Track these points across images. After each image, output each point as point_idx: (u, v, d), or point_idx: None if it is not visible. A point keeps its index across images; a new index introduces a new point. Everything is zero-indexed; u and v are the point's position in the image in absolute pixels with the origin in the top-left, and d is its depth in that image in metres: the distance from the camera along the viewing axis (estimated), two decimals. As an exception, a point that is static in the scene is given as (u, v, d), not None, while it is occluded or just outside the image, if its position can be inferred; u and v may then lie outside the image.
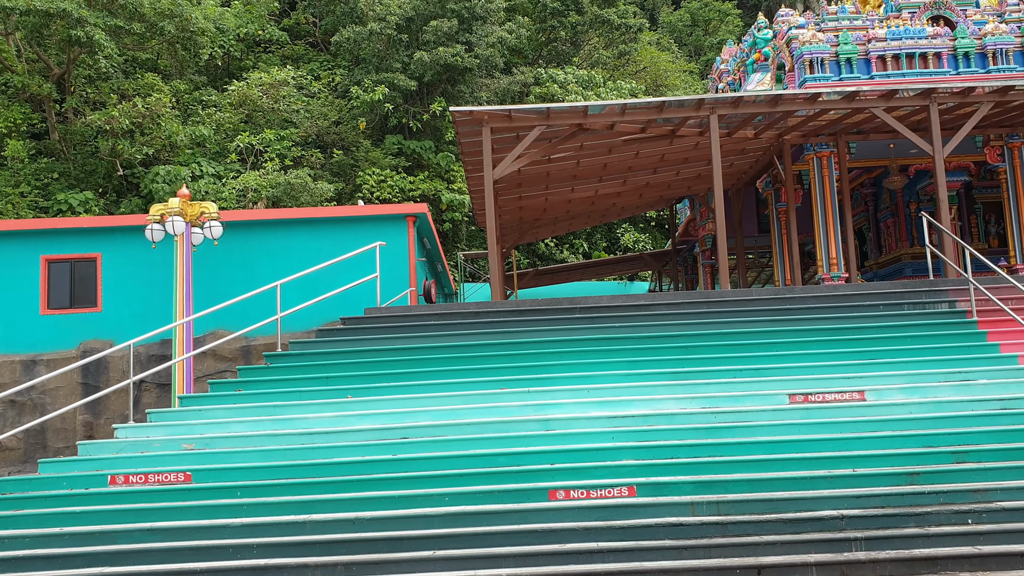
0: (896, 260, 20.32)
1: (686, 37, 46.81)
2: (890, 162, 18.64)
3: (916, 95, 14.98)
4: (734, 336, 12.13)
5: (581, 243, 32.74)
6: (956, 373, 10.57)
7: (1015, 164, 17.19)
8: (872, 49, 18.41)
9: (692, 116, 15.20)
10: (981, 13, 19.62)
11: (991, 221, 20.68)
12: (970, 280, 12.19)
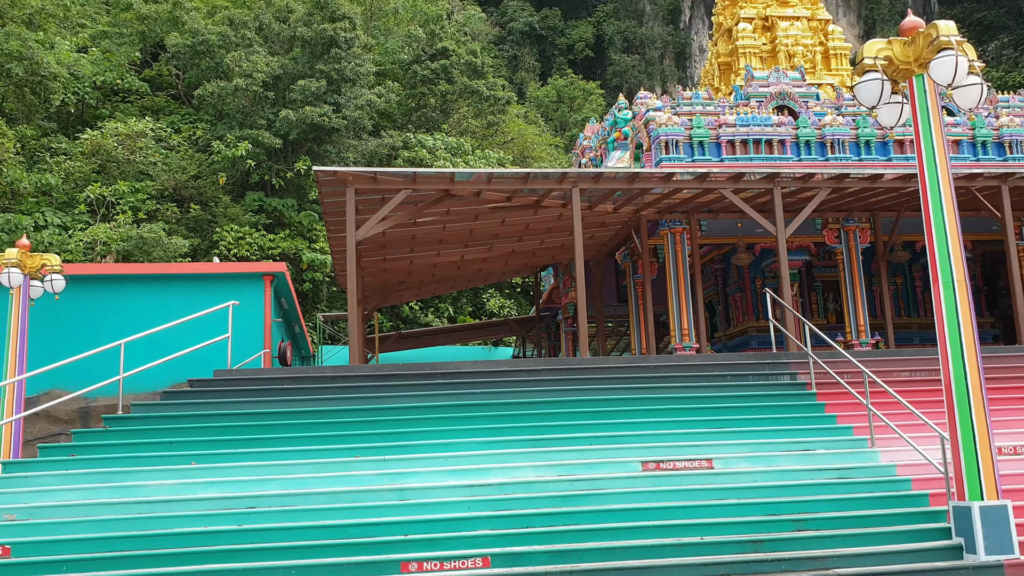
0: (743, 332, 21.27)
1: (552, 112, 48.38)
2: (738, 240, 19.64)
3: (761, 179, 15.92)
4: (591, 403, 12.31)
5: (447, 307, 32.77)
6: (797, 443, 11.05)
7: (850, 246, 18.47)
8: (723, 134, 19.50)
9: (556, 188, 15.61)
10: (821, 106, 21.19)
11: (830, 298, 22.02)
12: (810, 354, 12.86)
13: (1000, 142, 20.57)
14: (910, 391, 12.35)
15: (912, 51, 9.80)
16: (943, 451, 9.38)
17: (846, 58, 24.00)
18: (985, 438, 8.82)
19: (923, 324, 21.50)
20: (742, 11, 24.52)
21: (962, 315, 9.13)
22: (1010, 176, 16.50)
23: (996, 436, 11.14)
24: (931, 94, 9.73)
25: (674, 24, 52.27)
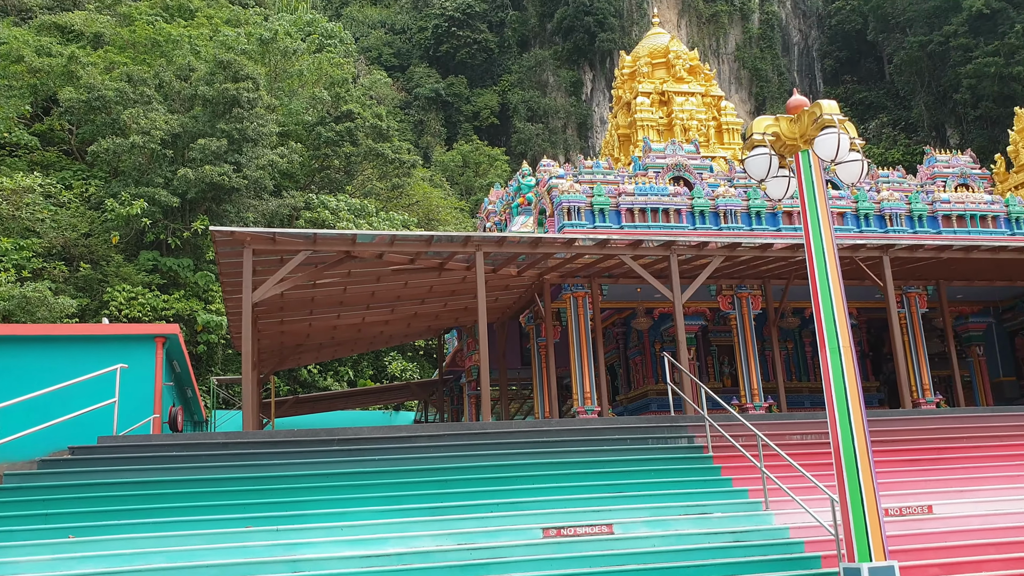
0: (644, 395, 21.57)
1: (458, 176, 48.88)
2: (638, 304, 20.04)
3: (659, 246, 16.36)
4: (493, 469, 12.20)
5: (346, 370, 32.21)
6: (695, 507, 11.18)
7: (743, 312, 19.07)
8: (622, 202, 20.02)
9: (460, 251, 15.66)
10: (715, 177, 22.03)
11: (725, 362, 22.59)
12: (706, 417, 13.11)
13: (881, 215, 21.73)
14: (802, 454, 12.68)
15: (798, 128, 10.31)
16: (833, 513, 9.62)
17: (738, 132, 25.11)
18: (872, 500, 9.09)
19: (813, 388, 22.23)
20: (640, 86, 25.48)
21: (848, 380, 9.47)
22: (890, 247, 17.39)
23: (883, 498, 11.52)
24: (816, 169, 10.22)
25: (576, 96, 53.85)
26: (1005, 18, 46.63)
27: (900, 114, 54.68)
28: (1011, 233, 21.95)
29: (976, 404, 22.11)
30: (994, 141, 37.35)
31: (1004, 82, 44.35)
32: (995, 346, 23.55)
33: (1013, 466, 13.91)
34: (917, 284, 19.93)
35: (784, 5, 62.05)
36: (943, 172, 24.98)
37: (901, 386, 16.95)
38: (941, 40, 48.40)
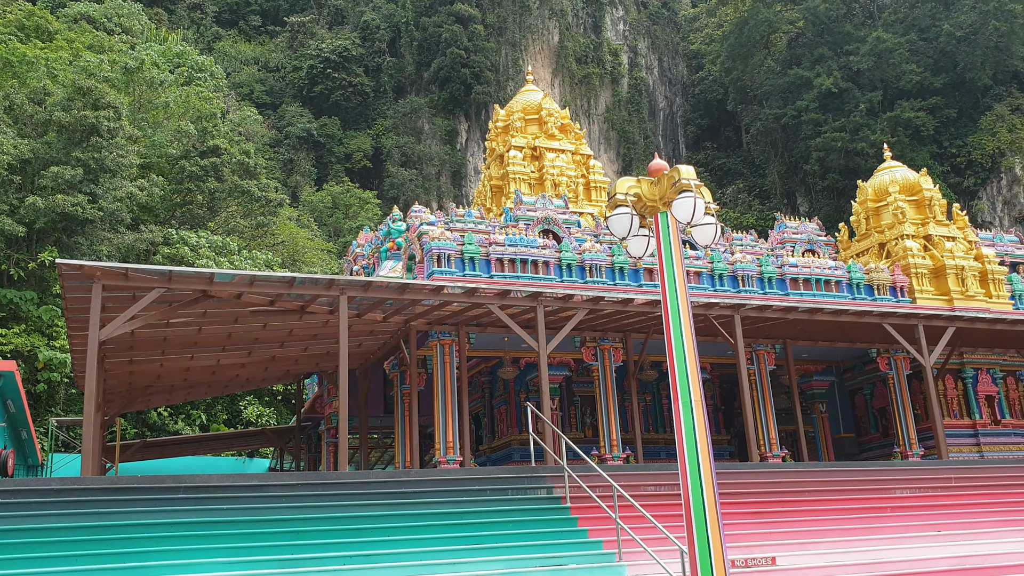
0: (507, 445, 21.61)
1: (326, 218, 48.23)
2: (504, 354, 20.17)
3: (526, 297, 16.58)
4: (349, 520, 11.90)
5: (199, 414, 30.85)
6: (550, 558, 11.22)
7: (605, 364, 19.49)
8: (492, 252, 20.24)
9: (323, 295, 15.37)
10: (582, 232, 22.62)
11: (587, 413, 22.94)
12: (565, 468, 13.25)
13: (735, 275, 22.80)
14: (656, 505, 12.97)
15: (658, 190, 10.72)
16: (682, 564, 9.84)
17: (605, 190, 25.93)
18: (719, 551, 9.35)
19: (669, 440, 22.84)
20: (513, 140, 26.00)
21: (699, 433, 9.78)
22: (742, 307, 18.23)
23: (730, 549, 11.90)
24: (673, 230, 10.63)
25: (451, 144, 54.39)
26: (851, 97, 50.33)
27: (755, 181, 57.81)
28: (852, 297, 23.44)
29: (819, 459, 23.28)
30: (839, 210, 40.01)
31: (849, 156, 47.70)
32: (837, 403, 24.95)
33: (851, 519, 14.68)
34: (766, 342, 20.93)
35: (652, 72, 64.96)
36: (792, 238, 26.53)
37: (749, 440, 17.66)
38: (794, 114, 51.69)
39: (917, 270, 24.73)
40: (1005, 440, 23.76)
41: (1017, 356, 24.14)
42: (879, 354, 22.42)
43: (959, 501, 16.24)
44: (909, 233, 25.86)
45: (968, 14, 49.25)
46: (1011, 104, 49.33)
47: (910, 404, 22.41)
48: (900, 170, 28.20)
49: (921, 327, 19.12)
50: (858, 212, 27.97)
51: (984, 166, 48.74)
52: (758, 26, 54.82)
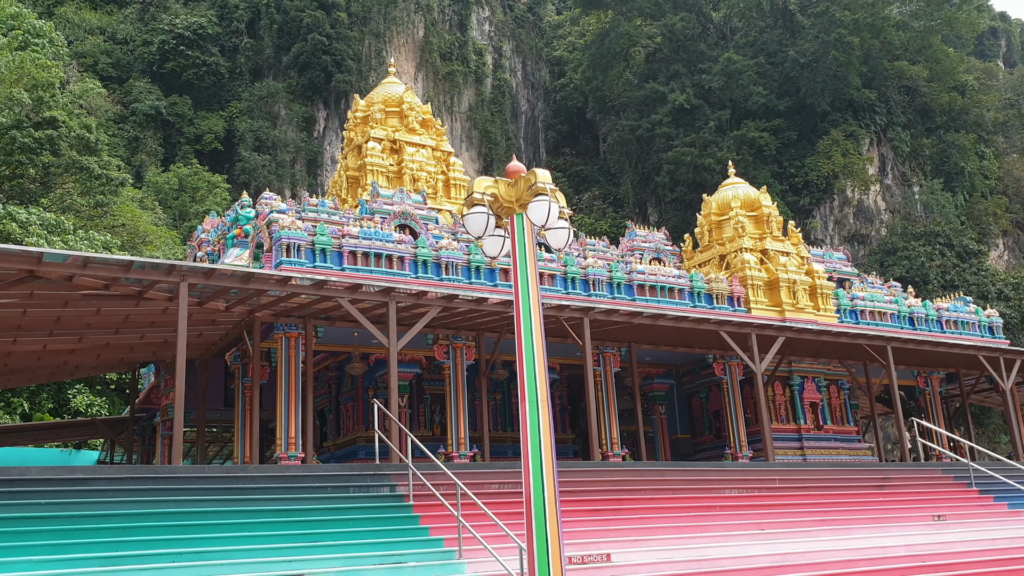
0: (352, 443, 21.29)
1: (172, 200, 46.07)
2: (353, 349, 19.87)
3: (378, 291, 16.38)
4: (181, 516, 11.39)
5: (21, 402, 28.77)
6: (389, 556, 11.13)
7: (457, 362, 19.51)
8: (345, 244, 19.88)
9: (163, 280, 14.66)
10: (440, 229, 22.57)
11: (436, 411, 22.93)
12: (410, 466, 13.18)
13: (586, 279, 23.35)
14: (499, 503, 13.10)
15: (514, 192, 10.83)
16: (521, 562, 9.97)
17: (464, 188, 25.98)
18: (557, 549, 9.53)
19: (517, 439, 22.98)
20: (373, 131, 25.65)
21: (543, 432, 9.93)
22: (591, 310, 18.69)
23: (569, 546, 12.15)
24: (528, 232, 10.76)
25: (308, 132, 53.06)
26: (702, 114, 52.57)
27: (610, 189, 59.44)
28: (693, 305, 24.47)
29: (657, 458, 24.19)
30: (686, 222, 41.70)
31: (697, 171, 49.80)
32: (675, 406, 26.00)
33: (684, 517, 15.32)
34: (613, 345, 21.54)
35: (515, 75, 65.68)
36: (641, 246, 27.44)
37: (592, 439, 18.12)
38: (648, 127, 53.49)
39: (753, 282, 26.10)
40: (826, 444, 25.43)
41: (840, 366, 25.88)
42: (715, 360, 23.52)
43: (782, 501, 17.23)
44: (748, 247, 27.24)
45: (812, 43, 52.39)
46: (846, 130, 52.85)
47: (742, 408, 23.62)
48: (742, 186, 29.68)
49: (754, 335, 20.16)
50: (702, 224, 29.26)
51: (819, 187, 51.99)
52: (618, 39, 56.41)
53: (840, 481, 19.20)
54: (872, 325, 27.24)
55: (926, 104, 57.67)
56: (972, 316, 30.29)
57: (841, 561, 14.41)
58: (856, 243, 51.88)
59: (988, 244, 54.62)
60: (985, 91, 63.82)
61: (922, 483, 19.95)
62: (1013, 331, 42.43)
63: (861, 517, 17.11)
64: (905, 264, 48.07)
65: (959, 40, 65.01)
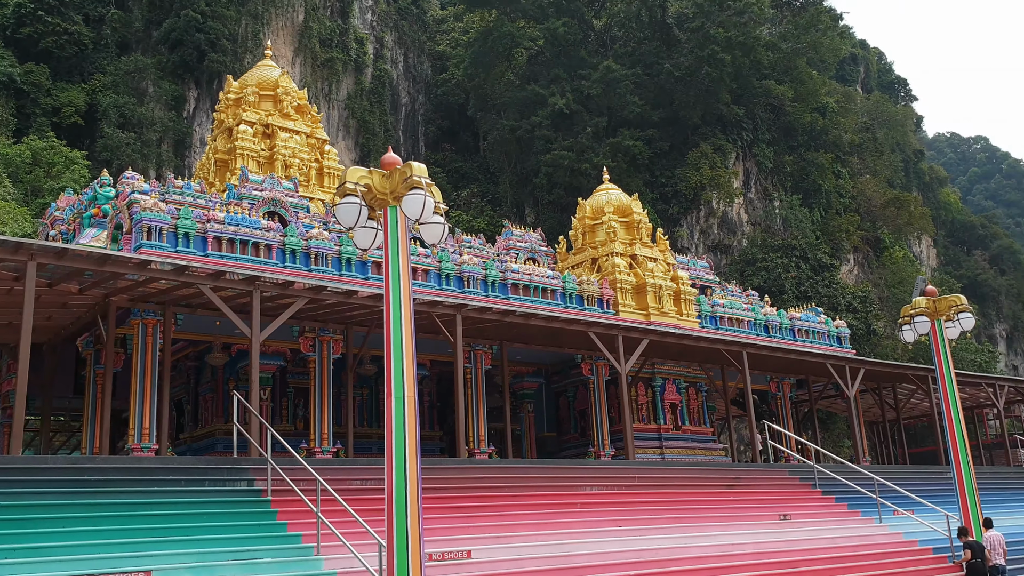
0: (211, 435, 20.56)
1: (24, 175, 43.21)
2: (215, 338, 19.18)
3: (243, 280, 15.86)
4: (19, 509, 10.69)
5: None
6: (244, 552, 10.79)
7: (323, 355, 19.13)
8: (211, 229, 19.17)
9: (9, 259, 13.72)
10: (311, 218, 22.06)
11: (300, 405, 22.40)
12: (269, 460, 12.83)
13: (461, 276, 23.35)
14: (361, 499, 12.93)
15: (389, 184, 10.71)
16: (380, 558, 9.87)
17: (339, 178, 25.47)
18: (417, 546, 9.49)
19: (383, 435, 22.74)
20: (245, 114, 24.84)
21: (408, 428, 9.87)
22: (464, 307, 18.69)
23: (430, 543, 12.12)
24: (401, 225, 10.67)
25: (177, 111, 50.81)
26: (580, 120, 53.47)
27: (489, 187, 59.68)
28: (565, 306, 24.87)
29: (523, 456, 24.45)
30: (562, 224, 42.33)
31: (574, 175, 50.61)
32: (543, 404, 26.37)
33: (545, 514, 15.53)
34: (484, 343, 21.62)
35: (397, 66, 64.99)
36: (517, 245, 27.71)
37: (458, 436, 18.13)
38: (528, 128, 53.95)
39: (622, 285, 26.76)
40: (684, 444, 26.35)
41: (699, 369, 26.85)
42: (584, 360, 23.98)
43: (640, 499, 17.73)
44: (618, 251, 27.92)
45: (687, 57, 54.13)
46: (714, 144, 54.88)
47: (607, 408, 24.18)
48: (616, 192, 30.40)
49: (621, 337, 20.66)
50: (576, 227, 29.82)
51: (687, 197, 53.80)
52: (501, 38, 56.67)
53: (695, 480, 19.92)
54: (730, 331, 28.41)
55: (789, 123, 60.55)
56: (822, 326, 32.05)
57: (692, 558, 14.95)
58: (719, 252, 53.95)
59: (840, 259, 57.89)
60: (844, 114, 67.61)
61: (771, 483, 20.93)
62: (859, 341, 45.09)
63: (713, 515, 17.80)
64: (763, 274, 50.33)
65: (822, 64, 68.61)
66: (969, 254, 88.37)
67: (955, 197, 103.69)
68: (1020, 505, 24.61)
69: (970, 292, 73.65)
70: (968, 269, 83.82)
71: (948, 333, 18.01)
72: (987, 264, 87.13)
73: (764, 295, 36.05)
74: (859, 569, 16.36)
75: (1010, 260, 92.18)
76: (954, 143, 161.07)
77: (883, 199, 65.11)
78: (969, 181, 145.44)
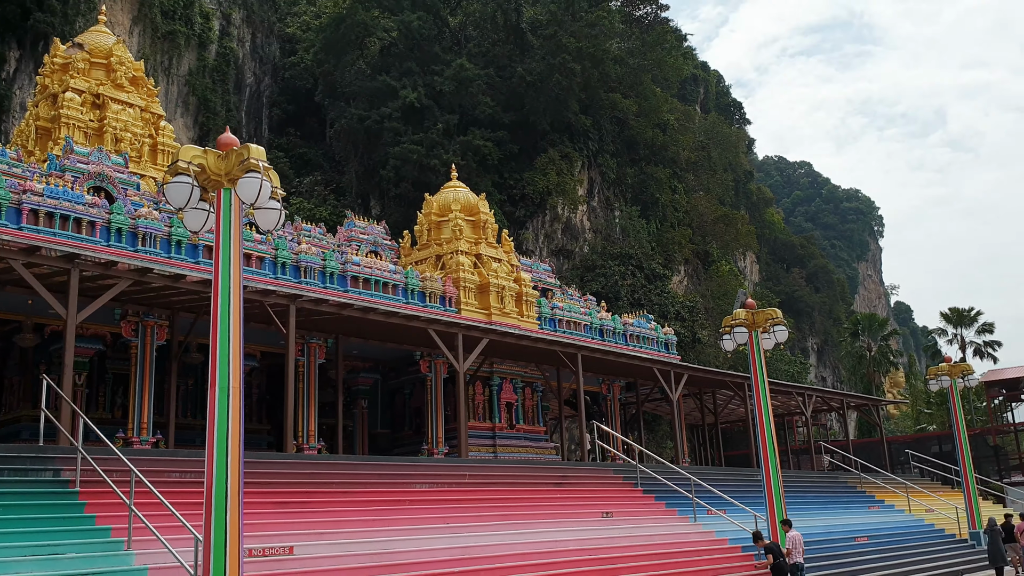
0: (16, 421, 19.13)
1: None
2: (26, 318, 17.87)
3: (60, 257, 14.84)
4: None
5: None
6: (46, 546, 10.09)
7: (147, 341, 18.18)
8: (27, 200, 17.85)
9: None
10: (141, 196, 20.92)
11: (120, 392, 21.20)
12: (79, 449, 12.06)
13: (298, 266, 22.78)
14: (179, 492, 12.36)
15: (225, 165, 10.30)
16: (196, 553, 9.48)
17: (174, 156, 24.30)
18: (236, 541, 9.17)
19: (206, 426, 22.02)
20: (72, 81, 23.27)
21: (232, 419, 9.53)
22: (299, 297, 18.23)
23: (252, 538, 11.75)
24: (235, 209, 10.29)
25: (-4, 71, 46.95)
26: (431, 115, 53.29)
27: (334, 176, 58.44)
28: (406, 302, 24.74)
29: (355, 453, 24.11)
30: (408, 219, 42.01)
31: (423, 170, 50.38)
32: (378, 401, 26.12)
33: (373, 511, 15.38)
34: (320, 336, 21.19)
35: (244, 45, 62.60)
36: (359, 237, 27.31)
37: (287, 430, 17.67)
38: (378, 120, 53.24)
39: (466, 284, 26.92)
40: (517, 443, 26.79)
41: (536, 370, 27.38)
42: (422, 357, 23.94)
43: (471, 496, 17.87)
44: (463, 250, 28.05)
45: (539, 63, 55.01)
46: (562, 151, 56.09)
47: (443, 406, 24.25)
48: (463, 191, 30.54)
49: (461, 336, 20.75)
50: (422, 223, 29.72)
51: (534, 201, 54.74)
52: (354, 26, 55.66)
53: (525, 478, 20.28)
54: (568, 334, 29.15)
55: (632, 136, 62.75)
56: (652, 332, 33.42)
57: (517, 555, 15.20)
58: (561, 257, 55.22)
59: (672, 269, 60.52)
60: (683, 132, 70.74)
61: (596, 482, 21.60)
62: (685, 348, 47.26)
63: (541, 512, 18.17)
64: (601, 280, 51.92)
65: (666, 82, 71.49)
66: (788, 271, 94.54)
67: (779, 217, 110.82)
68: (821, 507, 26.53)
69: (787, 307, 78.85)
70: (786, 285, 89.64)
71: (764, 344, 19.16)
72: (804, 282, 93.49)
73: (601, 300, 37.22)
74: (672, 566, 17.14)
75: (824, 279, 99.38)
76: (781, 166, 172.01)
77: (714, 215, 68.57)
78: (792, 203, 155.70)
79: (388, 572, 12.92)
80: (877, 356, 61.69)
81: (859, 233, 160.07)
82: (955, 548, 25.96)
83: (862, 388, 59.11)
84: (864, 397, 43.10)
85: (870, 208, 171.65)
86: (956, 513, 27.82)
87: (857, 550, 22.46)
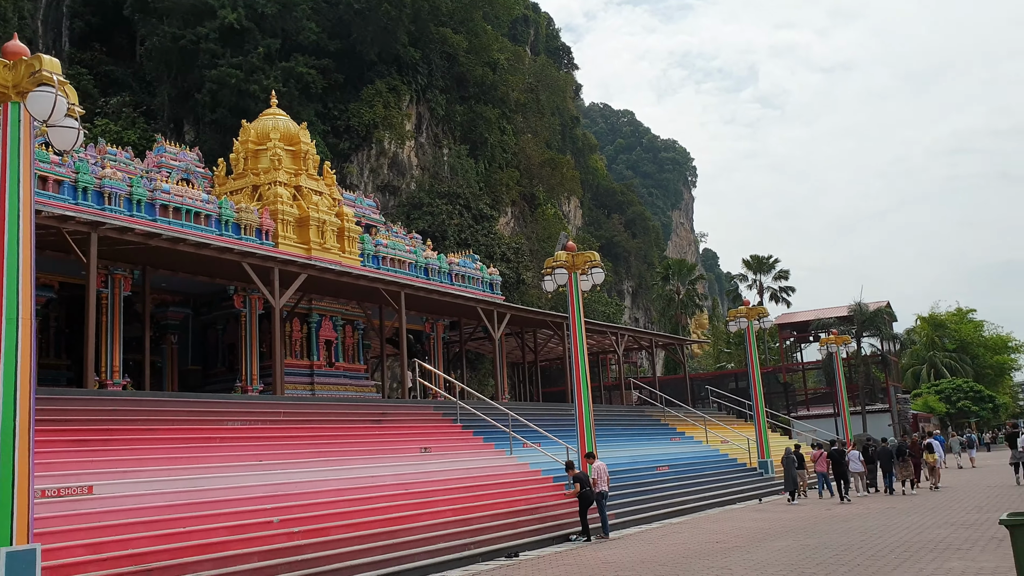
0: None
1: None
2: None
3: None
4: None
5: None
6: None
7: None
8: None
9: None
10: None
11: None
12: None
13: (101, 191, 21.26)
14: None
15: (13, 76, 9.40)
16: (-23, 497, 8.81)
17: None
18: (25, 481, 8.61)
19: None
20: None
21: (22, 354, 8.86)
22: (101, 225, 17.05)
23: (46, 479, 11.07)
24: (25, 124, 9.44)
25: None
26: (252, 38, 50.59)
27: (144, 98, 54.59)
28: (220, 233, 23.67)
29: (163, 389, 23.09)
30: (224, 146, 39.96)
31: (242, 96, 47.91)
32: (189, 336, 25.05)
33: (181, 449, 14.82)
34: (125, 267, 20.00)
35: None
36: (170, 163, 25.79)
37: (87, 366, 16.65)
38: (194, 40, 50.02)
39: (284, 217, 26.06)
40: (336, 381, 26.53)
41: (357, 308, 27.08)
42: (236, 292, 23.11)
43: (286, 434, 17.56)
44: (282, 181, 27.09)
45: (366, -8, 53.40)
46: (390, 83, 54.89)
47: (258, 342, 23.58)
48: (283, 119, 29.37)
49: (277, 271, 20.13)
50: (239, 151, 28.38)
51: (360, 134, 53.45)
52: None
53: (344, 416, 20.15)
54: (392, 271, 28.95)
55: (462, 73, 62.30)
56: (478, 272, 33.78)
57: (332, 491, 15.15)
58: (387, 193, 54.47)
59: (499, 211, 61.18)
60: (513, 72, 70.95)
61: (416, 419, 21.79)
62: (509, 289, 48.15)
63: (359, 449, 18.15)
64: (428, 219, 51.74)
65: (497, 20, 71.27)
66: (609, 217, 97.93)
67: (602, 164, 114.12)
68: (628, 439, 28.05)
69: (606, 251, 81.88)
70: (607, 231, 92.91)
71: (582, 285, 19.81)
72: (623, 227, 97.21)
73: (427, 239, 37.12)
74: (485, 496, 17.65)
75: (641, 226, 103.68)
76: (605, 114, 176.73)
77: (541, 158, 69.67)
78: (615, 151, 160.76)
79: (194, 510, 12.55)
80: (685, 299, 65.29)
81: (674, 183, 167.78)
82: (744, 475, 28.26)
83: (670, 328, 62.51)
84: (671, 337, 45.67)
85: (685, 159, 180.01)
86: (748, 444, 30.20)
87: (659, 478, 24.00)
